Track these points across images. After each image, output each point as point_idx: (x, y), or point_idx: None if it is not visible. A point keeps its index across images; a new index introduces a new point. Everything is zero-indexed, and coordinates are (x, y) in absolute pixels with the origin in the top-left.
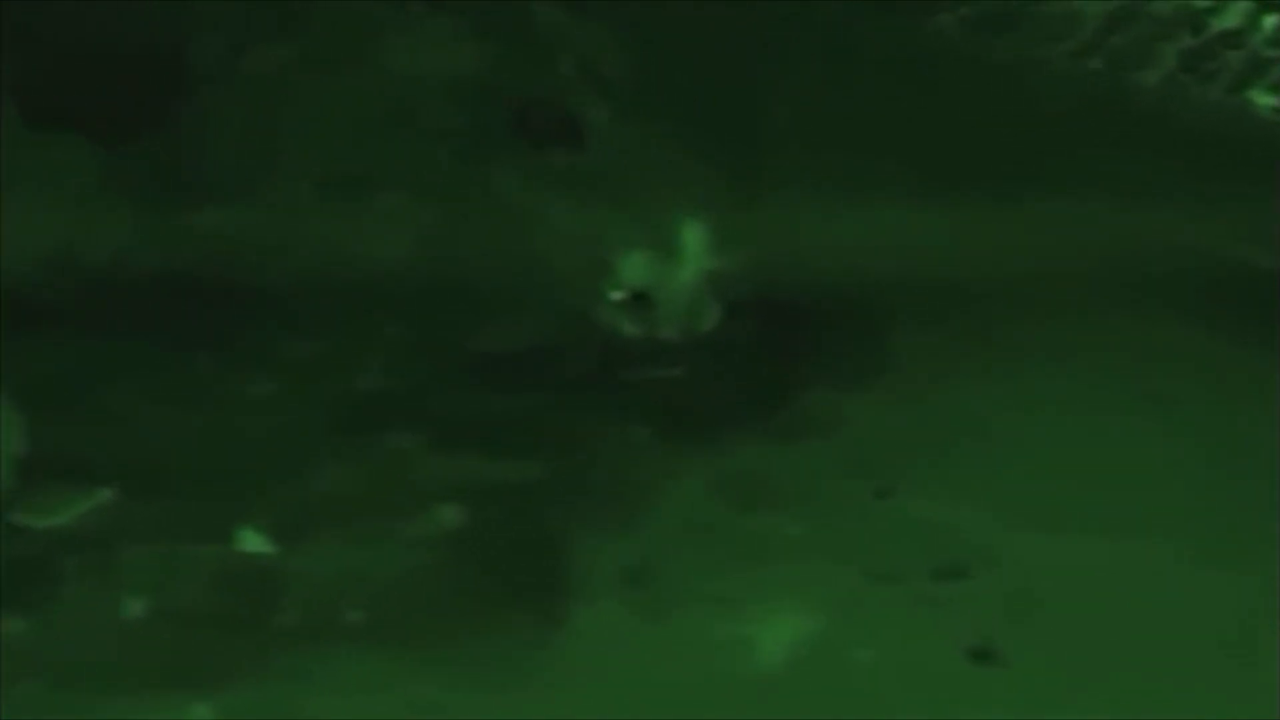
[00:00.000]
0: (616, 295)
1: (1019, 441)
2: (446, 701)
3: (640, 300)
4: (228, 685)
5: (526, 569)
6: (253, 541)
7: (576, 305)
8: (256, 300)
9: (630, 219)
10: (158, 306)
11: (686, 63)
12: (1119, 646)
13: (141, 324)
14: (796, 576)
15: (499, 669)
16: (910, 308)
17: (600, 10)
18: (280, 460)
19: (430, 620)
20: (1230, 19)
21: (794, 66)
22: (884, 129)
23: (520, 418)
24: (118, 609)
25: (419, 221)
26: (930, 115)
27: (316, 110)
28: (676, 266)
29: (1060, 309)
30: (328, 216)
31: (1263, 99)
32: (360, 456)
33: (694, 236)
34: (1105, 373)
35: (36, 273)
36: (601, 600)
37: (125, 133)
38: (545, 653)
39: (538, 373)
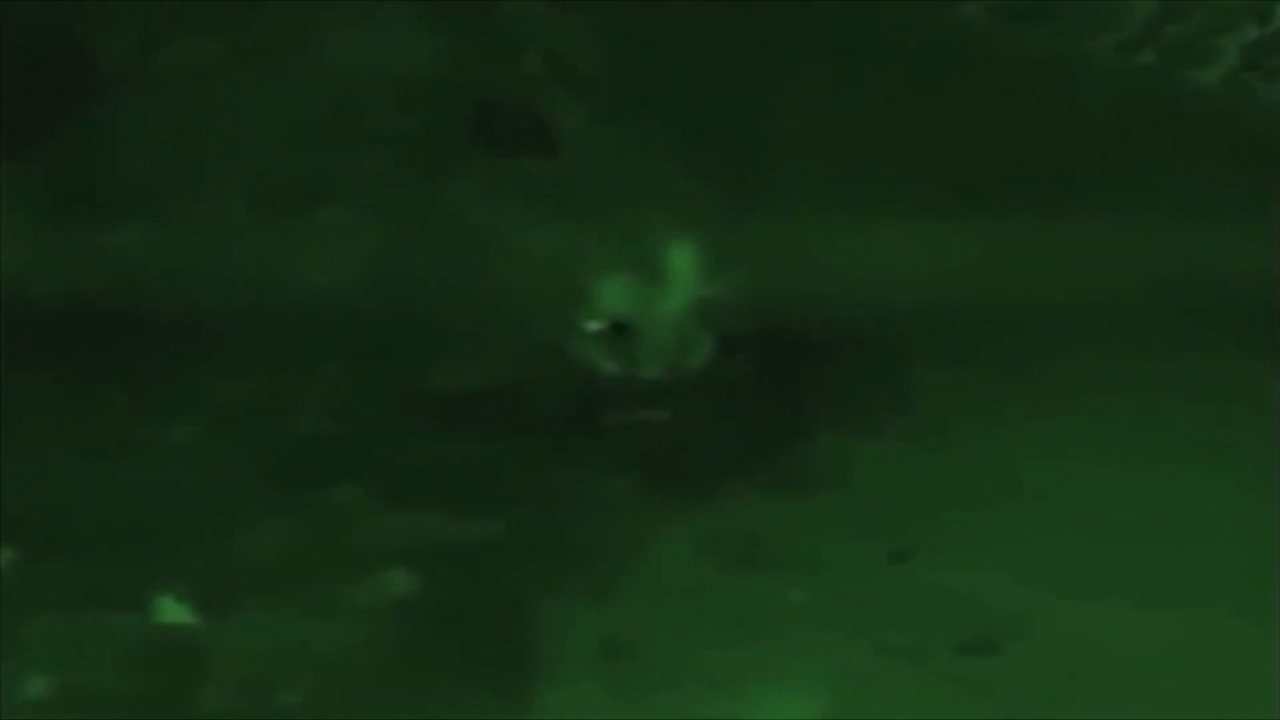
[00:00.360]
0: (593, 326)
1: (1055, 496)
2: None
3: (620, 332)
4: None
5: (488, 643)
6: (173, 611)
7: (547, 338)
8: (177, 332)
9: (608, 238)
10: (63, 338)
11: (673, 59)
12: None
13: (44, 357)
14: (799, 651)
15: None
16: (931, 341)
17: (575, 6)
18: (205, 516)
19: (376, 703)
20: None
21: (797, 64)
22: (900, 135)
23: (481, 468)
24: (18, 688)
25: (366, 241)
26: (954, 119)
27: (247, 112)
28: (662, 293)
29: (1103, 343)
30: (260, 235)
31: None
32: (297, 512)
33: (682, 259)
34: (1154, 417)
35: None
36: (575, 679)
37: (25, 138)
38: None
39: (502, 416)
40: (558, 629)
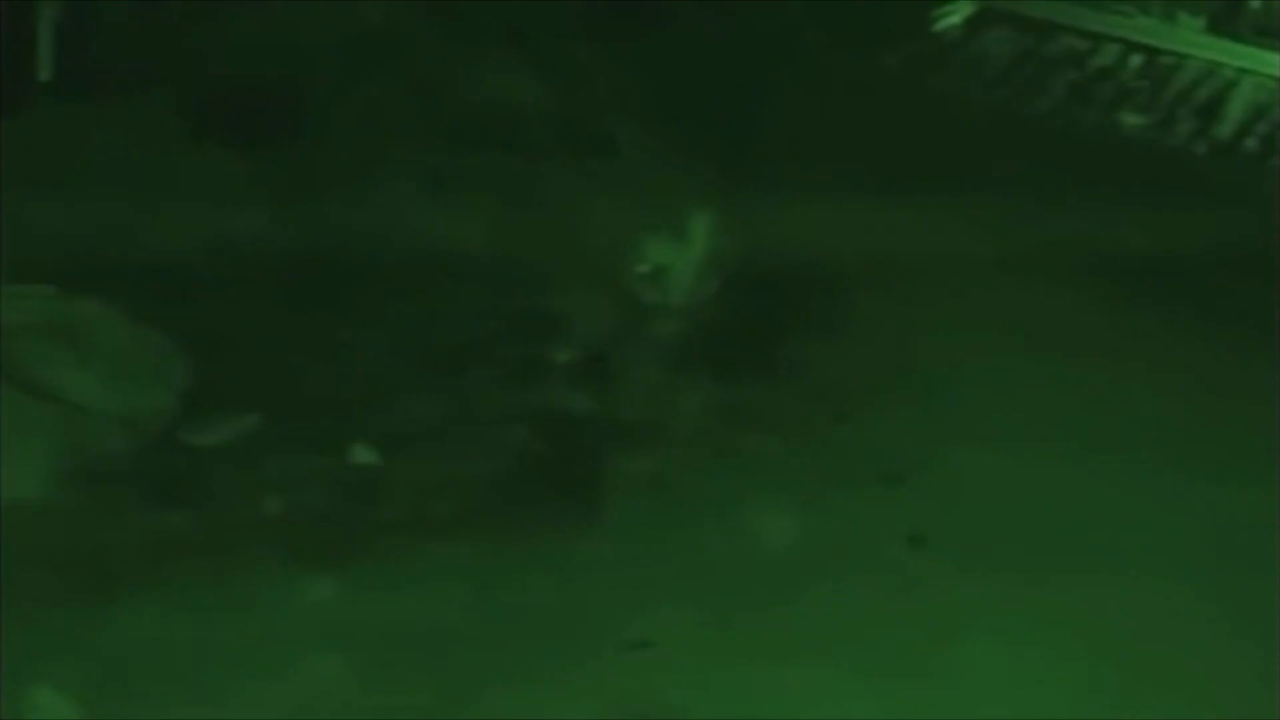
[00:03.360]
0: (643, 269)
1: (949, 381)
2: (509, 579)
3: (660, 273)
4: (345, 564)
5: (573, 476)
6: (363, 454)
7: (611, 277)
8: (367, 273)
9: (650, 211)
10: (290, 277)
11: (691, 89)
12: (1029, 533)
13: (277, 290)
14: (776, 483)
15: (551, 553)
16: (867, 280)
17: (626, 50)
18: (384, 392)
19: (504, 513)
20: (1105, 58)
21: (778, 92)
22: (848, 141)
23: (567, 362)
24: (260, 506)
25: (492, 214)
26: (883, 131)
27: (411, 127)
28: (686, 248)
29: (981, 281)
30: (422, 209)
31: (1130, 119)
32: (446, 390)
33: (700, 225)
34: (1016, 329)
35: (195, 252)
36: (628, 500)
37: (265, 143)
38: (587, 543)
39: (578, 328)
40: (615, 465)
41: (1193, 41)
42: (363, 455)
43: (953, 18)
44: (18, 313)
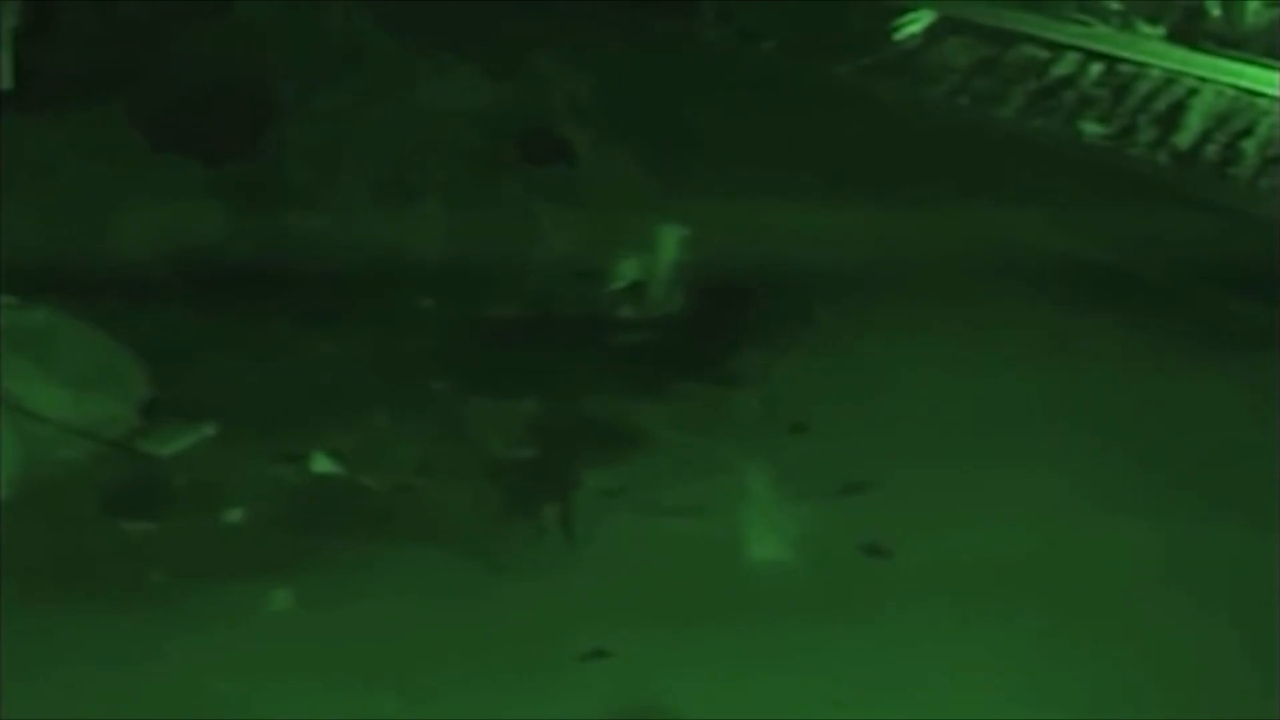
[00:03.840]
0: (619, 285)
1: (905, 392)
2: (469, 588)
3: (635, 289)
4: (305, 574)
5: (532, 486)
6: (322, 464)
7: (565, 285)
8: (325, 281)
9: (607, 220)
10: (247, 286)
11: (646, 99)
12: (987, 544)
13: (235, 299)
14: (735, 492)
15: (511, 562)
16: (822, 288)
17: (582, 59)
18: (343, 401)
19: (464, 522)
20: (1065, 67)
21: (736, 100)
22: (805, 149)
23: (523, 369)
24: (220, 516)
25: (448, 222)
26: (836, 139)
27: (371, 135)
28: (658, 261)
29: (938, 288)
30: (380, 218)
31: (1090, 127)
32: (405, 399)
33: (670, 238)
34: (973, 337)
35: (155, 260)
36: (591, 505)
37: (219, 153)
38: (546, 552)
39: (535, 337)
40: (574, 475)
41: (1153, 50)
42: (322, 465)
43: (912, 26)
44: None
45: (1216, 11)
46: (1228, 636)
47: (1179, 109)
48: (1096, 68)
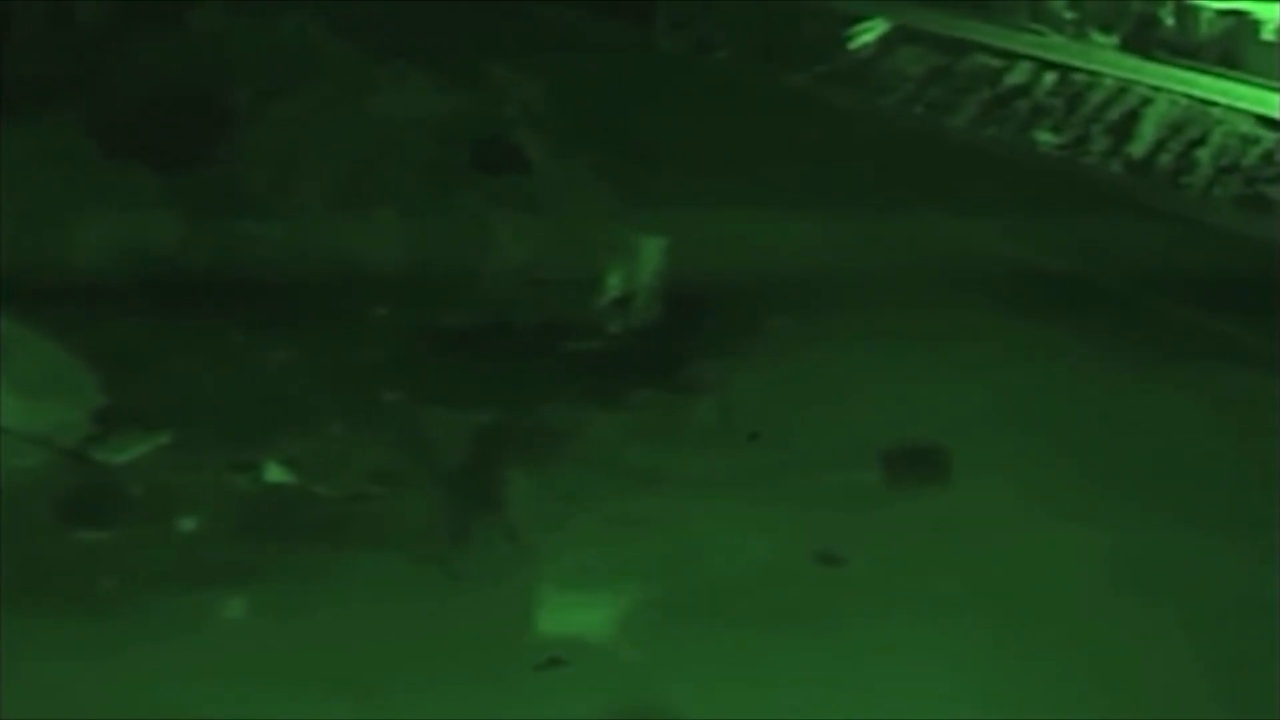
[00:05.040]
0: (605, 301)
1: (859, 399)
2: (421, 594)
3: (620, 304)
4: (258, 582)
5: (486, 494)
6: (275, 472)
7: (519, 293)
8: (279, 289)
9: (559, 227)
10: (202, 294)
11: (601, 107)
12: (942, 554)
13: (190, 307)
14: (689, 501)
15: (463, 569)
16: (778, 297)
17: (537, 68)
18: (296, 410)
19: (416, 529)
20: (1018, 76)
21: (686, 109)
22: (759, 157)
23: (477, 378)
24: (172, 525)
25: (402, 230)
26: (795, 147)
27: (325, 144)
28: (642, 273)
29: (893, 297)
30: (334, 226)
31: (1044, 136)
32: (358, 407)
33: (651, 250)
34: (927, 345)
35: (109, 268)
36: (537, 517)
37: (179, 162)
38: (499, 559)
39: (489, 345)
40: (528, 482)
41: (1106, 59)
42: (275, 473)
43: (865, 35)
44: None
45: (1170, 21)
46: (1177, 641)
47: (1132, 118)
48: (1050, 77)
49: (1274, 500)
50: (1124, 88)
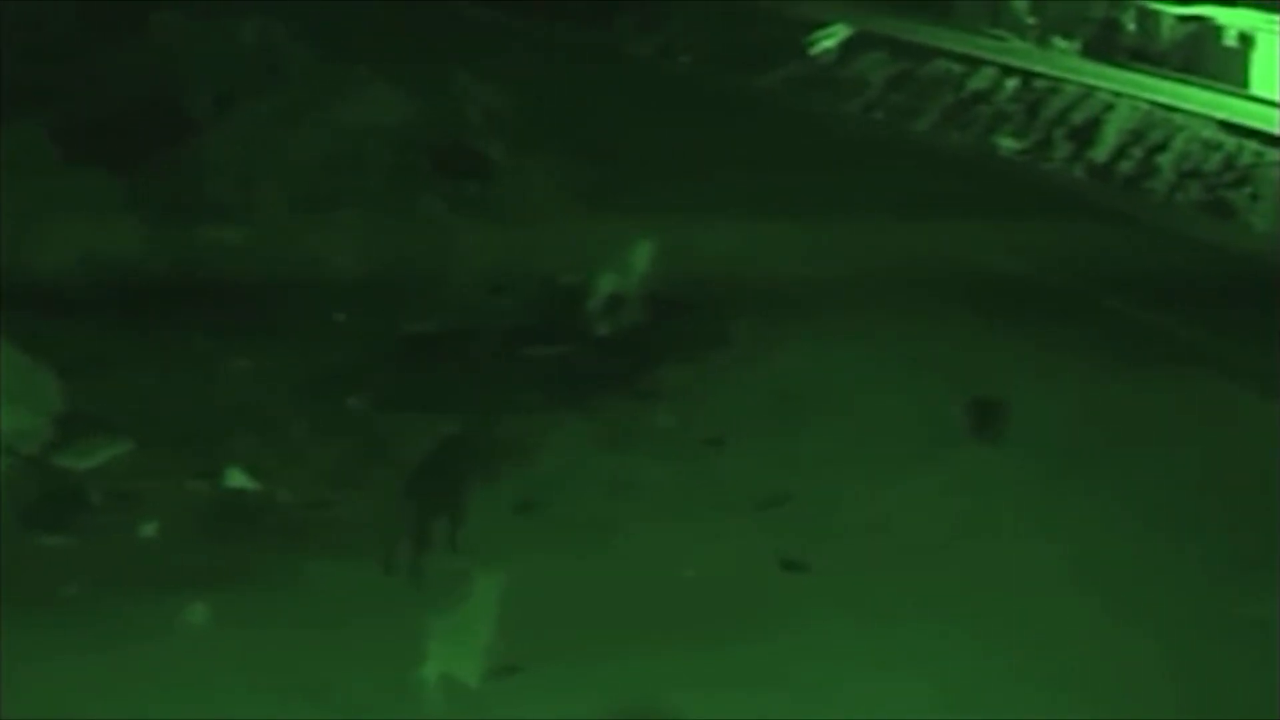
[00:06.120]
0: (596, 303)
1: (821, 406)
2: (384, 600)
3: (611, 305)
4: (221, 588)
5: (447, 499)
6: (237, 478)
7: (481, 298)
8: (241, 295)
9: (522, 232)
10: (165, 299)
11: (562, 114)
12: (903, 560)
13: (152, 313)
14: (650, 507)
15: (425, 576)
16: (742, 301)
17: (500, 73)
18: (258, 416)
19: (378, 535)
20: (980, 81)
21: (649, 115)
22: (721, 162)
23: (438, 384)
24: (135, 530)
25: (365, 234)
26: (757, 153)
27: (287, 149)
28: (632, 277)
29: (855, 302)
30: (295, 231)
31: (1006, 142)
32: (320, 414)
33: (642, 255)
34: (890, 351)
35: (71, 273)
36: (499, 525)
37: (136, 164)
38: (462, 566)
39: (450, 351)
40: (490, 488)
41: (1068, 65)
42: (237, 479)
43: (828, 41)
44: None
45: (1132, 27)
46: (1137, 641)
47: (1095, 124)
48: (1012, 82)
49: (1231, 503)
50: (1086, 93)
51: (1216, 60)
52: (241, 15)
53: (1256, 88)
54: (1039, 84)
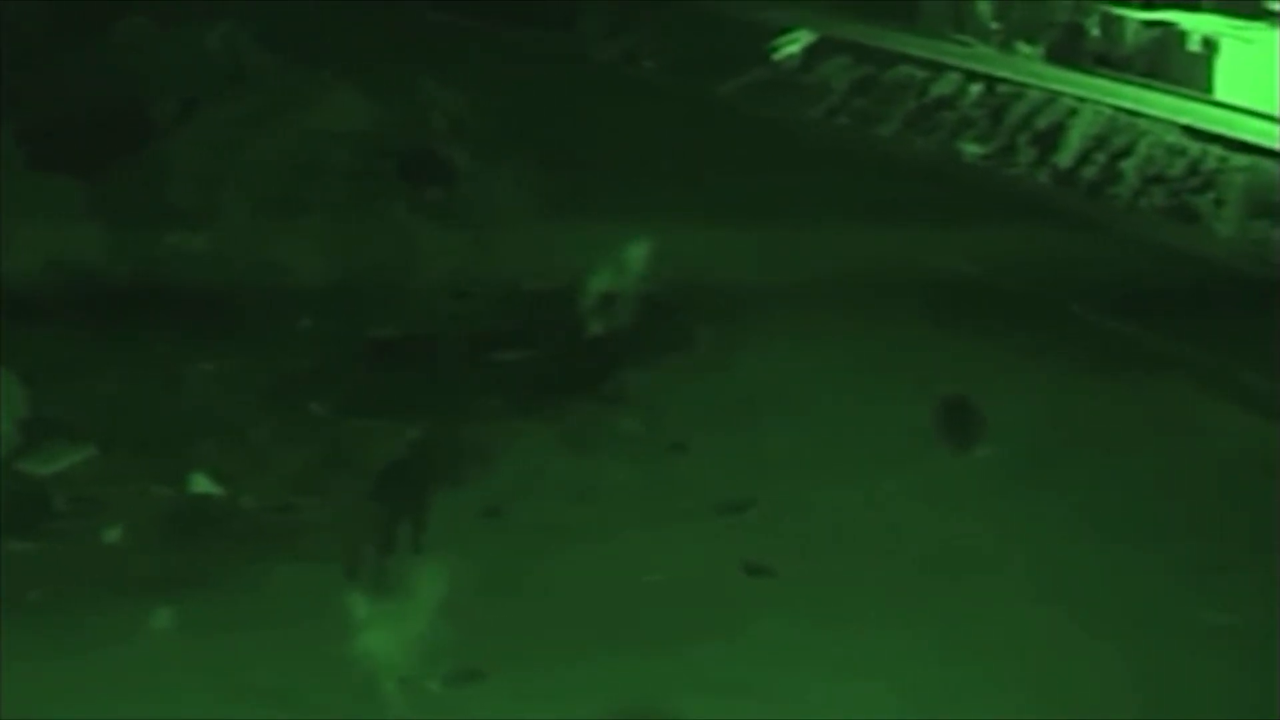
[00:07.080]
0: (589, 302)
1: (785, 410)
2: (364, 602)
3: (605, 304)
4: (184, 593)
5: (411, 505)
6: (201, 484)
7: (445, 304)
8: (205, 300)
9: (482, 238)
10: (128, 305)
11: (524, 121)
12: (866, 565)
13: (116, 318)
14: (613, 512)
15: (407, 575)
16: (704, 305)
17: (464, 79)
18: (223, 423)
19: (341, 541)
20: (944, 87)
21: (613, 121)
22: (685, 167)
23: (402, 389)
24: (99, 536)
25: (329, 240)
26: (721, 157)
27: (251, 154)
28: (626, 277)
29: (819, 308)
30: (259, 236)
31: (970, 148)
32: (284, 419)
33: (638, 255)
34: (852, 357)
35: (34, 278)
36: (462, 534)
37: (98, 169)
38: (426, 571)
39: (415, 356)
40: (453, 494)
41: (1032, 70)
42: (201, 485)
43: (792, 46)
44: None
45: (1096, 32)
46: (1100, 646)
47: (1058, 129)
48: (975, 88)
49: (1193, 507)
50: (1050, 99)
51: (1181, 65)
52: (206, 21)
53: (1221, 93)
54: (1003, 89)
